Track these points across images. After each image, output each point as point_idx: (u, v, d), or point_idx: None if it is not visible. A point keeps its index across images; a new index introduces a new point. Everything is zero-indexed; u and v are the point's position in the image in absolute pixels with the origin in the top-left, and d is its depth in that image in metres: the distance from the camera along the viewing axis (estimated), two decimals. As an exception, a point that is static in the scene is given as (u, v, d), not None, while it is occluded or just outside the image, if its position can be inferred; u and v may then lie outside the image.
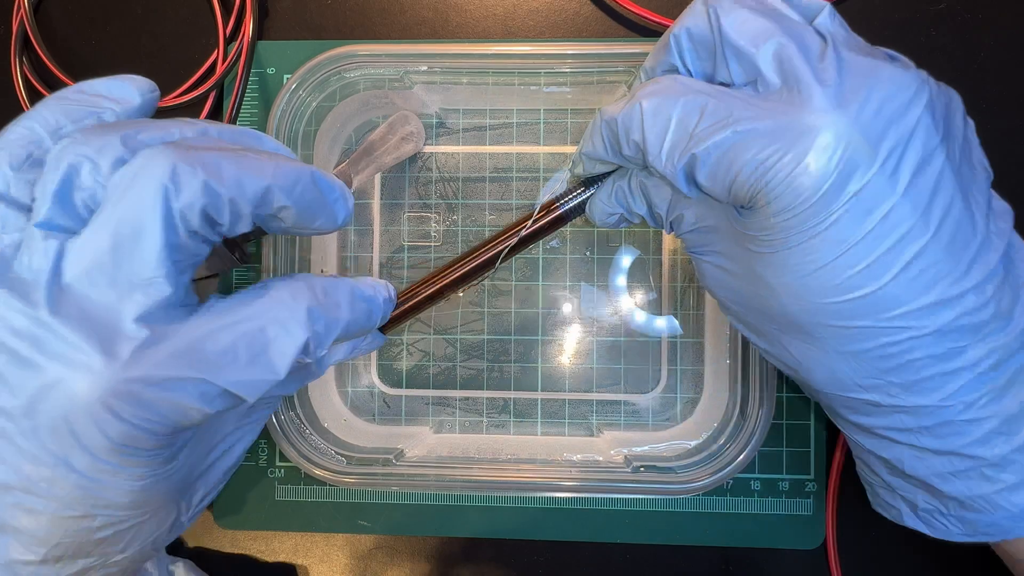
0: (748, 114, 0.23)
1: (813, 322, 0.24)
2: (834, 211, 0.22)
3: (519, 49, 0.35)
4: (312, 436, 0.36)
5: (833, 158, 0.21)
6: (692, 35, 0.25)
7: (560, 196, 0.31)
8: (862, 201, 0.22)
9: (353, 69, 0.36)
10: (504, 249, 0.31)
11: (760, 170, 0.22)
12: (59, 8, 0.40)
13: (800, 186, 0.22)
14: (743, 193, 0.23)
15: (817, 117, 0.22)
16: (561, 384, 0.38)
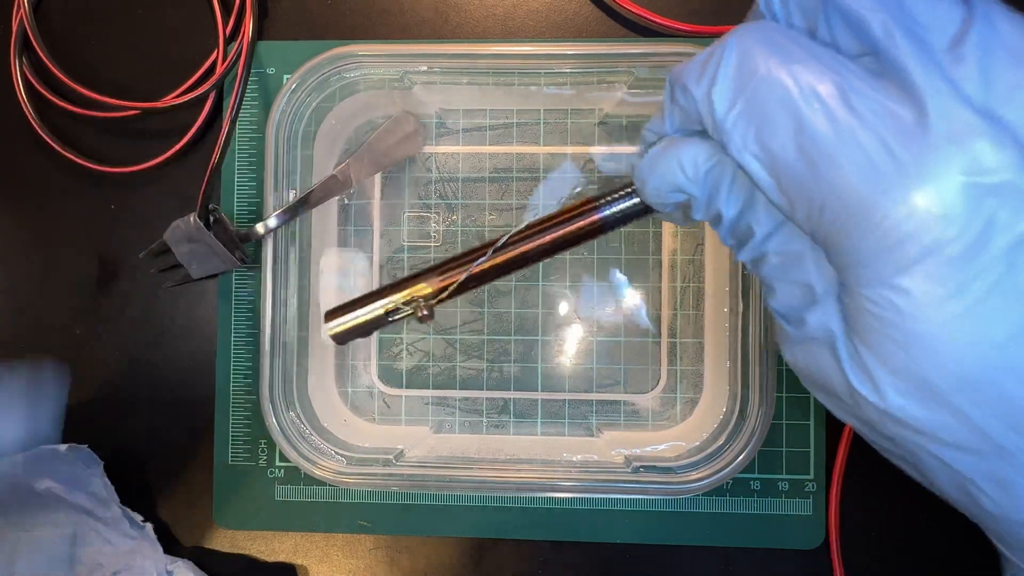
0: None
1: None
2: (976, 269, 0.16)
3: (519, 49, 0.35)
4: (312, 436, 0.36)
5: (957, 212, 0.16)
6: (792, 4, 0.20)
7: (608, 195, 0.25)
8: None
9: (353, 69, 0.36)
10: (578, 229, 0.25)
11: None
12: (59, 8, 0.40)
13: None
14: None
15: (928, 152, 0.16)
16: (561, 384, 0.38)
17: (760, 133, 0.18)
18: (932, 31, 0.17)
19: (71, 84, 0.38)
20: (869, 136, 0.17)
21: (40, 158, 0.40)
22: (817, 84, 0.17)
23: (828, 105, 0.17)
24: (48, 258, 0.40)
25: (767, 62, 0.18)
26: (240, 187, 0.39)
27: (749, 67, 0.18)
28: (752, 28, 0.19)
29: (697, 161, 0.21)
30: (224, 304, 0.39)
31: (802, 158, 0.18)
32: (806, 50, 0.18)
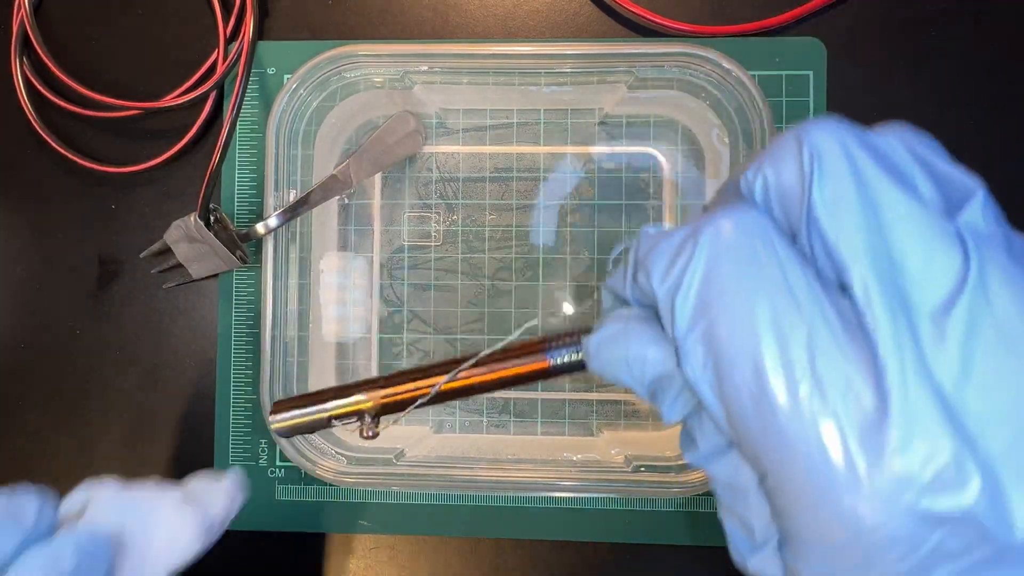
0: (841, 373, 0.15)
1: None
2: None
3: (519, 49, 0.35)
4: (312, 436, 0.36)
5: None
6: (772, 187, 0.18)
7: (557, 338, 0.23)
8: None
9: (353, 69, 0.36)
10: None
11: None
12: (59, 8, 0.40)
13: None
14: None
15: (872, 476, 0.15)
16: (561, 384, 0.38)
17: (718, 366, 0.17)
18: (919, 290, 0.15)
19: (71, 84, 0.38)
20: (828, 423, 0.15)
21: (40, 158, 0.40)
22: (786, 337, 0.16)
23: (792, 370, 0.15)
24: (48, 258, 0.40)
25: (737, 284, 0.17)
26: (240, 187, 0.39)
27: (717, 286, 0.17)
28: (728, 223, 0.17)
29: (645, 362, 0.19)
30: (224, 304, 0.39)
31: (756, 415, 0.16)
32: (781, 271, 0.16)
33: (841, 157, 0.17)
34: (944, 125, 0.37)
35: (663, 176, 0.38)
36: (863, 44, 0.38)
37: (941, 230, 0.16)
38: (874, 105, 0.37)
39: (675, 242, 0.18)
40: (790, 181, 0.17)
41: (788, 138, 0.18)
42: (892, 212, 0.16)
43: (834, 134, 0.17)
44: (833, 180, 0.17)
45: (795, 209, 0.17)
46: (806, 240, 0.17)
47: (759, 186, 0.18)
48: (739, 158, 0.36)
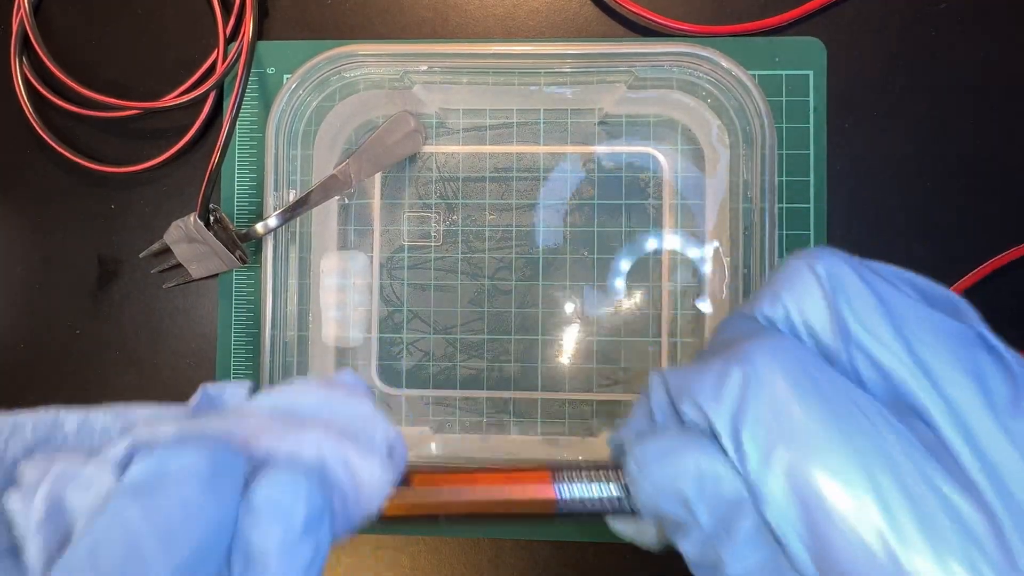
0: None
1: None
2: None
3: (519, 49, 0.35)
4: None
5: None
6: (796, 315, 0.18)
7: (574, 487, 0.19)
8: None
9: (353, 69, 0.36)
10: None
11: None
12: (59, 8, 0.40)
13: None
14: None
15: None
16: (561, 384, 0.38)
17: (812, 518, 0.15)
18: (986, 406, 0.15)
19: (71, 84, 0.38)
20: (952, 564, 0.14)
21: (40, 158, 0.40)
22: (888, 479, 0.15)
23: (904, 516, 0.14)
24: (48, 258, 0.40)
25: (808, 414, 0.15)
26: (240, 187, 0.39)
27: (786, 415, 0.16)
28: (771, 349, 0.17)
29: (720, 480, 0.16)
30: (224, 304, 0.39)
31: (868, 570, 0.14)
32: (851, 402, 0.16)
33: (860, 283, 0.17)
34: (944, 125, 0.37)
35: (663, 176, 0.38)
36: (863, 44, 0.38)
37: (973, 341, 0.17)
38: (874, 105, 0.37)
39: (715, 369, 0.17)
40: (814, 309, 0.17)
41: (799, 268, 0.18)
42: (924, 328, 0.16)
43: (840, 259, 0.18)
44: (859, 301, 0.17)
45: (826, 335, 0.17)
46: (847, 362, 0.17)
47: (780, 317, 0.18)
48: (739, 158, 0.36)
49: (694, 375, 0.18)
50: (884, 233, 0.37)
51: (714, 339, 0.20)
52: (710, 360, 0.18)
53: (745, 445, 0.16)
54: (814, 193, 0.37)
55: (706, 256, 0.38)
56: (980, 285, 0.37)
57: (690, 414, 0.18)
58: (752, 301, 0.19)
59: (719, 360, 0.17)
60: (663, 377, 0.19)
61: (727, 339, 0.18)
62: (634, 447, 0.18)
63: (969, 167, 0.37)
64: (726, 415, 0.16)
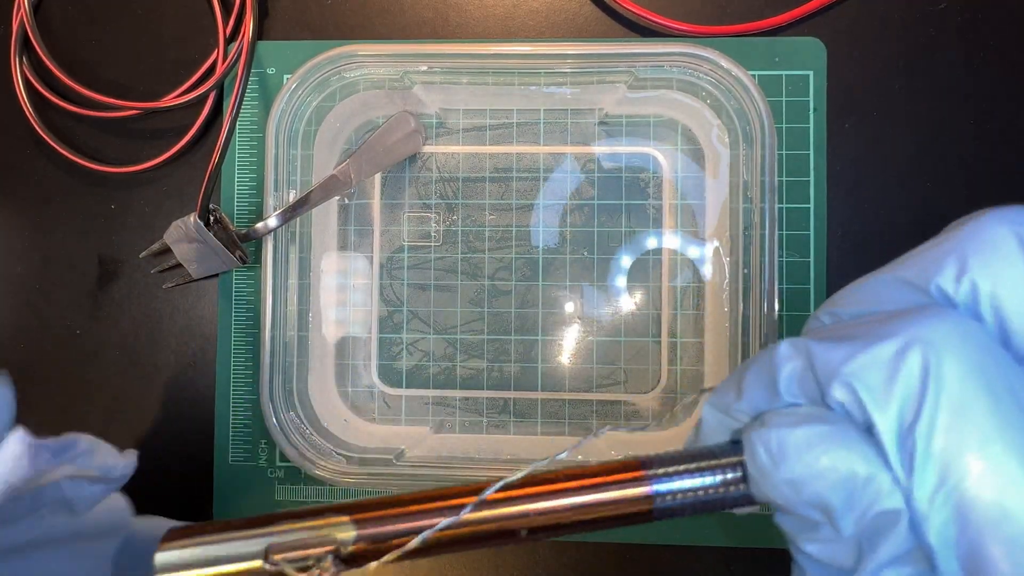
0: None
1: None
2: None
3: (519, 49, 0.35)
4: (312, 436, 0.36)
5: None
6: (986, 295, 0.14)
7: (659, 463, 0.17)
8: None
9: (353, 69, 0.36)
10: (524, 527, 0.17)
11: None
12: (59, 8, 0.40)
13: None
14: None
15: None
16: (561, 384, 0.38)
17: (983, 560, 0.13)
18: None
19: (71, 84, 0.38)
20: None
21: (40, 158, 0.40)
22: None
23: None
24: (48, 258, 0.40)
25: (1000, 432, 0.13)
26: (240, 187, 0.39)
27: (974, 430, 0.13)
28: (958, 336, 0.13)
29: (878, 489, 0.14)
30: (224, 304, 0.39)
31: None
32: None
33: None
34: (944, 125, 0.37)
35: (663, 176, 0.38)
36: (863, 44, 0.38)
37: None
38: (874, 105, 0.37)
39: (886, 352, 0.14)
40: (1014, 292, 0.14)
41: (1001, 235, 0.14)
42: None
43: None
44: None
45: (1020, 327, 0.14)
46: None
47: (964, 292, 0.14)
48: (739, 158, 0.36)
49: (857, 353, 0.14)
50: (884, 233, 0.37)
51: (856, 297, 0.16)
52: (872, 336, 0.14)
53: (917, 461, 0.13)
54: (814, 193, 0.37)
55: (706, 256, 0.38)
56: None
57: (842, 400, 0.14)
58: (918, 261, 0.15)
59: (890, 339, 0.14)
60: (803, 346, 0.15)
61: (889, 313, 0.15)
62: (767, 431, 0.15)
63: (969, 167, 0.37)
64: (895, 417, 0.14)
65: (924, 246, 0.16)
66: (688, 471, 0.16)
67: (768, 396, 0.16)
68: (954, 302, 0.15)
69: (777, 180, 0.35)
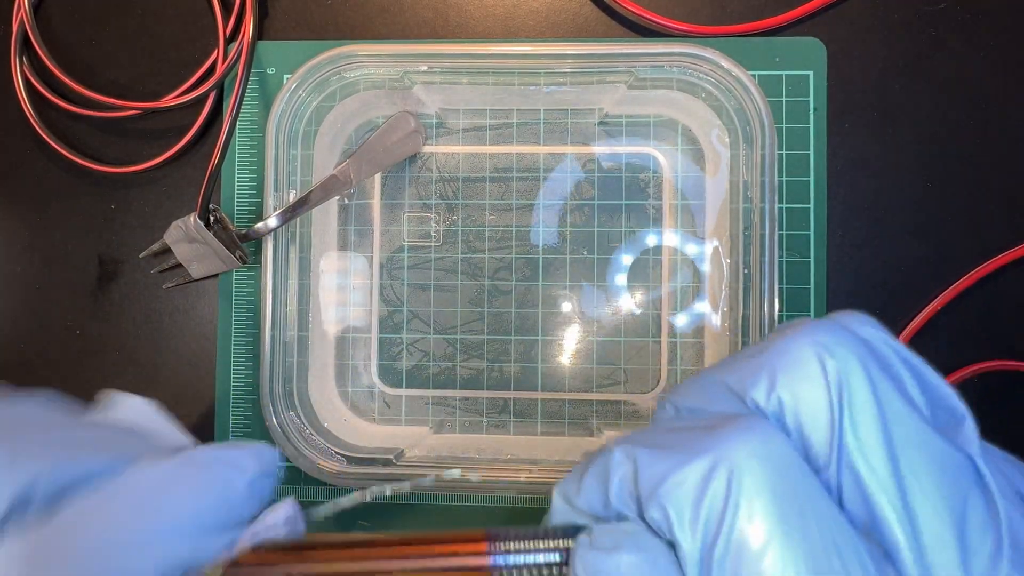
0: None
1: None
2: None
3: (519, 49, 0.35)
4: (312, 436, 0.36)
5: None
6: (790, 410, 0.17)
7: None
8: None
9: (353, 69, 0.36)
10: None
11: None
12: (59, 8, 0.40)
13: None
14: None
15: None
16: (561, 384, 0.38)
17: None
18: (970, 557, 0.15)
19: (71, 84, 0.38)
20: None
21: (40, 158, 0.40)
22: None
23: None
24: (48, 258, 0.40)
25: (789, 551, 0.15)
26: (240, 187, 0.39)
27: (768, 552, 0.15)
28: (757, 458, 0.16)
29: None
30: (224, 304, 0.39)
31: None
32: (832, 539, 0.15)
33: (868, 394, 0.16)
34: (944, 125, 0.37)
35: (663, 176, 0.38)
36: (863, 44, 0.38)
37: (968, 478, 0.16)
38: (874, 105, 0.37)
39: (696, 473, 0.16)
40: (814, 414, 0.16)
41: (806, 357, 0.16)
42: (921, 458, 0.16)
43: (857, 357, 0.16)
44: (862, 415, 0.16)
45: (819, 443, 0.16)
46: (834, 479, 0.16)
47: (772, 407, 0.16)
48: (739, 158, 0.36)
49: (670, 473, 0.16)
50: (884, 233, 0.37)
51: (688, 394, 0.19)
52: (687, 451, 0.16)
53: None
54: (814, 193, 0.37)
55: (706, 256, 0.38)
56: (980, 285, 0.37)
57: (657, 519, 0.16)
58: (742, 372, 0.17)
59: (700, 458, 0.16)
60: (632, 455, 0.17)
61: (709, 419, 0.17)
62: (586, 553, 0.17)
63: (969, 167, 0.37)
64: (698, 543, 0.16)
65: (749, 352, 0.18)
66: (526, 550, 0.18)
67: (602, 500, 0.18)
68: (765, 414, 0.16)
69: (777, 180, 0.35)
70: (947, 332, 0.37)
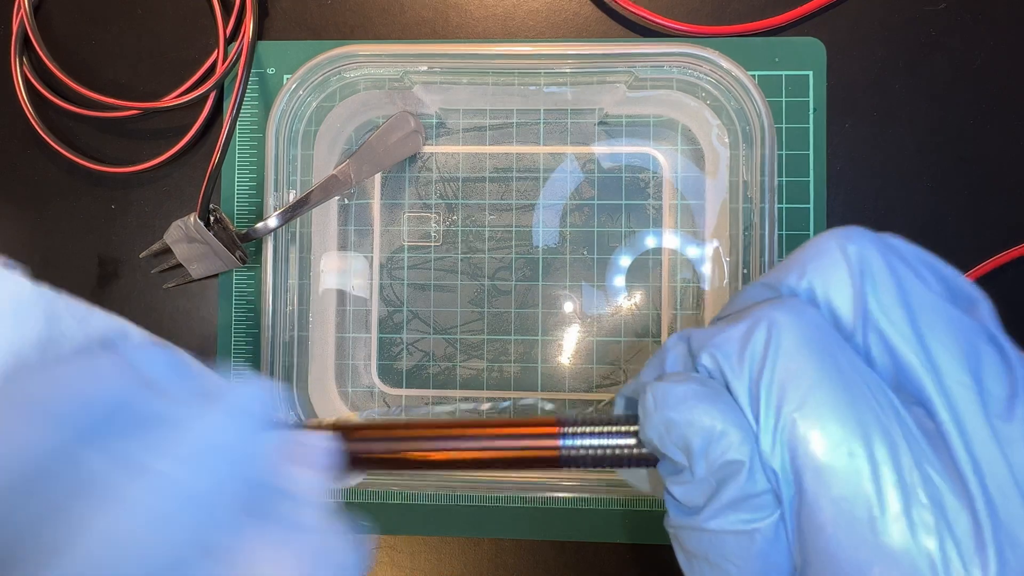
0: None
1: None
2: None
3: (519, 49, 0.35)
4: (312, 436, 0.36)
5: None
6: (820, 294, 0.19)
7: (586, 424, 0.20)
8: None
9: (353, 69, 0.36)
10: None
11: None
12: (59, 8, 0.40)
13: None
14: None
15: None
16: (561, 384, 0.38)
17: (804, 484, 0.16)
18: (986, 401, 0.16)
19: (71, 84, 0.38)
20: (930, 542, 0.15)
21: (40, 158, 0.40)
22: (884, 454, 0.16)
23: (892, 490, 0.16)
24: (48, 258, 0.40)
25: (825, 389, 0.16)
26: (240, 187, 0.39)
27: (805, 384, 0.17)
28: (796, 314, 0.18)
29: (730, 442, 0.17)
30: (224, 304, 0.39)
31: (849, 532, 0.16)
32: (863, 381, 0.17)
33: (886, 271, 0.18)
34: (944, 125, 0.37)
35: (663, 176, 0.38)
36: (863, 44, 0.38)
37: (982, 337, 0.17)
38: (874, 105, 0.37)
39: (740, 329, 0.18)
40: (840, 288, 0.18)
41: (830, 247, 0.18)
42: (938, 320, 0.17)
43: (876, 246, 0.18)
44: (883, 287, 0.18)
45: (846, 315, 0.18)
46: (862, 343, 0.18)
47: (804, 290, 0.19)
48: (739, 158, 0.36)
49: (719, 332, 0.18)
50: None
51: (733, 303, 0.20)
52: (734, 320, 0.18)
53: (762, 408, 0.17)
54: (814, 193, 0.37)
55: (706, 256, 0.38)
56: (980, 285, 0.37)
57: (708, 366, 0.18)
58: (775, 272, 0.19)
59: (745, 320, 0.18)
60: (686, 334, 0.20)
61: (750, 305, 0.19)
62: (657, 384, 0.19)
63: (969, 167, 0.37)
64: (745, 377, 0.17)
65: (784, 259, 0.20)
66: (592, 433, 0.20)
67: (658, 374, 0.20)
68: (798, 295, 0.19)
69: (777, 180, 0.35)
70: (947, 332, 0.37)
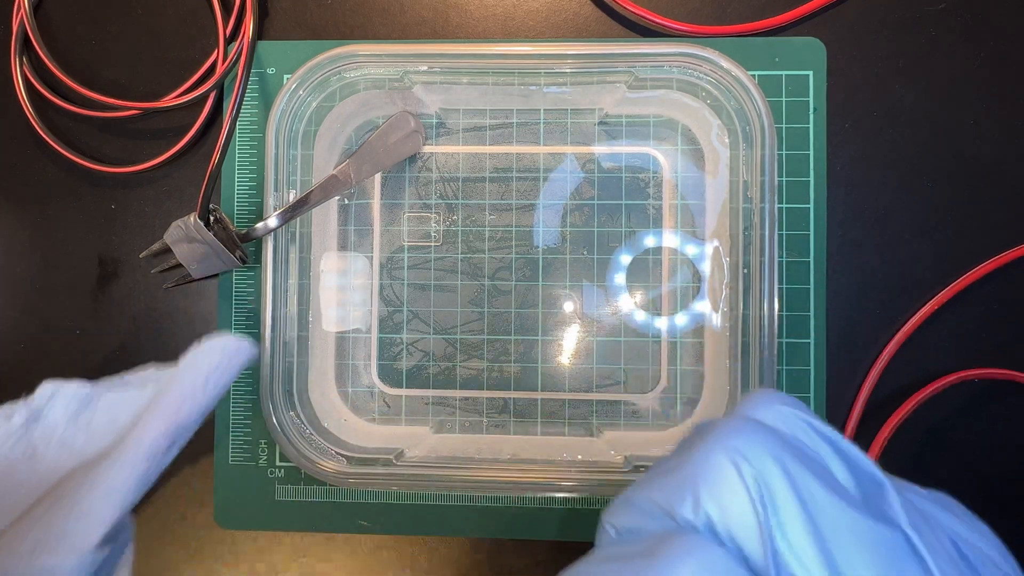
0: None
1: None
2: None
3: (519, 49, 0.35)
4: (312, 436, 0.36)
5: None
6: (719, 523, 0.17)
7: None
8: None
9: (353, 69, 0.36)
10: None
11: None
12: (59, 8, 0.40)
13: None
14: None
15: None
16: (561, 384, 0.38)
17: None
18: None
19: (71, 84, 0.38)
20: None
21: (40, 158, 0.40)
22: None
23: None
24: (48, 258, 0.40)
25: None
26: (240, 187, 0.39)
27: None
28: (694, 565, 0.16)
29: None
30: (224, 304, 0.39)
31: None
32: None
33: (790, 494, 0.16)
34: (944, 125, 0.37)
35: (663, 176, 0.38)
36: (863, 44, 0.38)
37: (901, 551, 0.16)
38: (874, 105, 0.37)
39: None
40: (742, 523, 0.16)
41: (722, 465, 0.17)
42: (852, 543, 0.16)
43: (773, 457, 0.17)
44: (788, 515, 0.16)
45: (754, 551, 0.16)
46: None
47: (702, 523, 0.17)
48: (739, 158, 0.36)
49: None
50: (884, 233, 0.37)
51: (624, 515, 0.19)
52: (629, 559, 0.17)
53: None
54: (814, 193, 0.37)
55: (706, 256, 0.38)
56: (980, 285, 0.37)
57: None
58: (664, 491, 0.17)
59: (646, 573, 0.16)
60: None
61: (648, 541, 0.17)
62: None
63: (969, 167, 0.37)
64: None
65: (672, 462, 0.18)
66: None
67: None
68: (698, 529, 0.17)
69: (777, 180, 0.35)
70: (947, 332, 0.37)
